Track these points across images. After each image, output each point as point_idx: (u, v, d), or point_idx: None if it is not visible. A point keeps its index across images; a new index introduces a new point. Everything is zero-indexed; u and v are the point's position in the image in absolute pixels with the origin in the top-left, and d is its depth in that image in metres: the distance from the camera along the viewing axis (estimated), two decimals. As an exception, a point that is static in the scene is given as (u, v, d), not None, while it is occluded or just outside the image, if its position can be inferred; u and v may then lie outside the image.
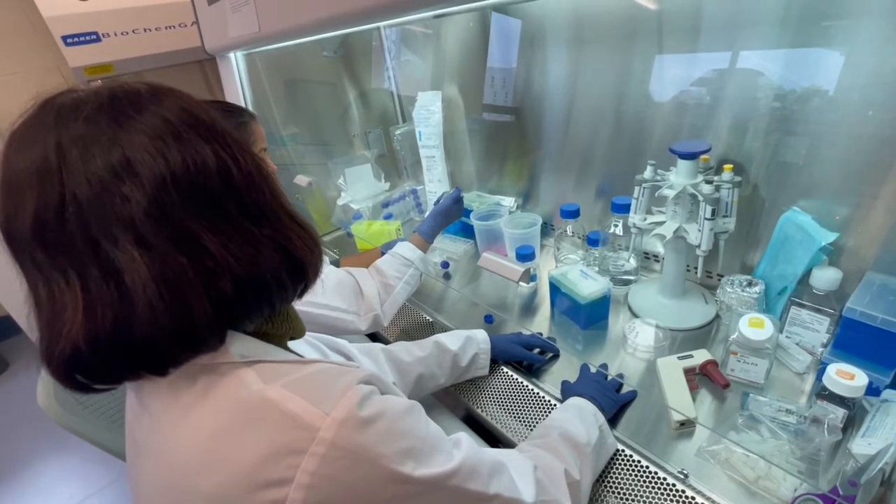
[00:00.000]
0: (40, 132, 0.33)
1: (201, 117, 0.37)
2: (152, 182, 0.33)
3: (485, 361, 0.80)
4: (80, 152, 0.32)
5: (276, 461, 0.33)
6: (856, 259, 0.72)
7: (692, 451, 0.62)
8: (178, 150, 0.34)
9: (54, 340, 0.33)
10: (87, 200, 0.32)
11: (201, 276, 0.34)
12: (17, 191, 0.33)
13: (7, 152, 0.34)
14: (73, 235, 0.32)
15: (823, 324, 0.69)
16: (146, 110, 0.35)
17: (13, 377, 2.19)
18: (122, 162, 0.32)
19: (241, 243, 0.36)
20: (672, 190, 0.76)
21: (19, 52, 2.08)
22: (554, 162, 1.14)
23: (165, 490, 0.37)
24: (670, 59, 0.84)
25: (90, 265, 0.32)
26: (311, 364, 0.40)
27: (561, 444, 0.56)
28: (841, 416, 0.58)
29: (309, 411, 0.34)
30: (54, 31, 1.65)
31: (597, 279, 0.85)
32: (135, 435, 0.43)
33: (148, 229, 0.32)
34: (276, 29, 0.88)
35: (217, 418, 0.36)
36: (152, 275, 0.32)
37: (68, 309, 0.32)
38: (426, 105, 1.25)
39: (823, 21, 0.66)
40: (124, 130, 0.33)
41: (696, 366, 0.71)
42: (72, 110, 0.34)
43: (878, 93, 0.64)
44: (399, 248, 0.92)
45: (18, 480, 1.65)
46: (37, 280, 0.34)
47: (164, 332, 0.33)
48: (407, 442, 0.37)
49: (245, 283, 0.36)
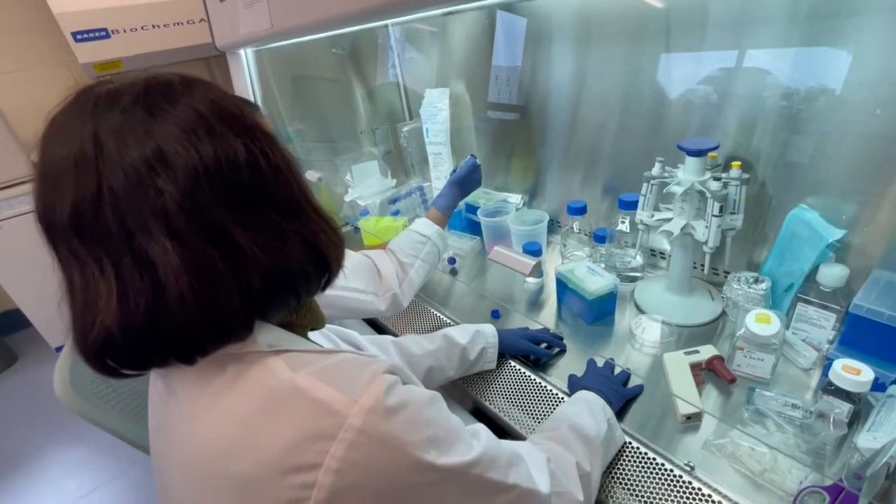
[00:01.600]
0: (78, 122, 0.34)
1: (232, 111, 0.38)
2: (185, 176, 0.33)
3: (493, 355, 0.81)
4: (117, 144, 0.33)
5: (305, 446, 0.34)
6: (862, 256, 0.72)
7: (698, 445, 0.63)
8: (210, 144, 0.35)
9: (88, 327, 0.34)
10: (122, 192, 0.32)
11: (231, 268, 0.35)
12: (55, 180, 0.34)
13: (45, 141, 0.35)
14: (108, 226, 0.33)
15: (830, 320, 0.69)
16: (179, 102, 0.35)
17: (22, 370, 2.21)
18: (157, 154, 0.33)
19: (269, 237, 0.37)
20: (680, 187, 0.77)
21: (29, 48, 2.09)
22: (560, 159, 1.15)
23: (196, 474, 0.38)
24: (677, 58, 0.85)
25: (124, 255, 0.33)
26: (336, 354, 0.41)
27: (571, 437, 0.57)
28: (846, 411, 0.59)
29: (337, 399, 0.35)
30: (64, 28, 1.66)
31: (603, 275, 0.86)
32: (162, 419, 0.44)
33: (180, 222, 0.33)
34: (288, 25, 0.89)
35: (247, 404, 0.37)
36: (184, 267, 0.33)
37: (102, 297, 0.33)
38: (434, 102, 1.26)
39: (831, 19, 0.67)
40: (158, 122, 0.34)
41: (703, 361, 0.72)
42: (109, 101, 0.34)
43: (886, 91, 0.65)
44: (415, 224, 0.91)
45: (27, 471, 1.67)
46: (72, 268, 0.35)
47: (194, 323, 0.34)
48: (430, 431, 0.38)
49: (272, 276, 0.37)
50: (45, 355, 2.19)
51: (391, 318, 1.02)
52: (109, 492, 1.56)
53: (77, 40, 1.68)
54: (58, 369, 0.68)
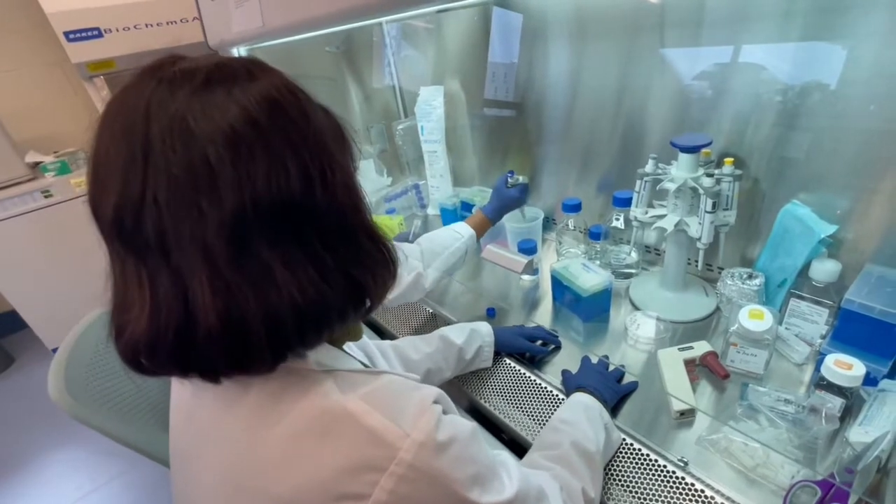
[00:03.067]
0: (132, 114, 0.32)
1: (294, 119, 0.34)
2: (230, 201, 0.31)
3: (489, 354, 0.81)
4: (165, 148, 0.31)
5: (355, 475, 0.34)
6: (855, 251, 0.72)
7: (692, 440, 0.63)
8: (262, 161, 0.32)
9: (120, 329, 0.34)
10: (165, 205, 0.31)
11: (263, 307, 0.33)
12: (104, 176, 0.32)
13: (100, 126, 0.33)
14: (148, 239, 0.31)
15: (822, 315, 0.70)
16: (236, 103, 0.32)
17: (19, 371, 2.21)
18: (203, 168, 0.31)
19: (311, 274, 0.34)
20: (673, 183, 0.77)
21: (21, 48, 2.08)
22: (555, 156, 1.15)
23: (230, 487, 0.38)
24: (672, 53, 0.85)
25: (161, 269, 0.32)
26: (382, 375, 0.40)
27: (574, 458, 0.56)
28: (838, 406, 0.59)
29: (389, 429, 0.35)
30: (56, 27, 1.65)
31: (598, 272, 0.86)
32: (193, 417, 0.43)
33: (219, 252, 0.31)
34: (279, 24, 0.89)
35: (294, 423, 0.36)
36: (214, 303, 0.32)
37: (136, 306, 0.33)
38: (428, 100, 1.26)
39: (826, 15, 0.66)
40: (209, 127, 0.31)
41: (697, 357, 0.72)
42: (168, 90, 0.32)
43: (880, 87, 0.64)
44: (456, 224, 0.94)
45: (26, 473, 1.67)
46: (115, 263, 0.34)
47: (219, 354, 0.33)
48: (474, 468, 0.38)
49: (307, 317, 0.35)
50: (42, 357, 2.19)
51: (389, 317, 1.03)
52: (107, 493, 1.56)
53: (69, 40, 1.67)
54: (52, 372, 0.68)
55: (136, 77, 0.34)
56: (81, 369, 0.72)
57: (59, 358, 0.69)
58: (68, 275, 1.98)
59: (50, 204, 1.89)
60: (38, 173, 1.92)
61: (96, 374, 0.73)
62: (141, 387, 0.79)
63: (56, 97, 2.21)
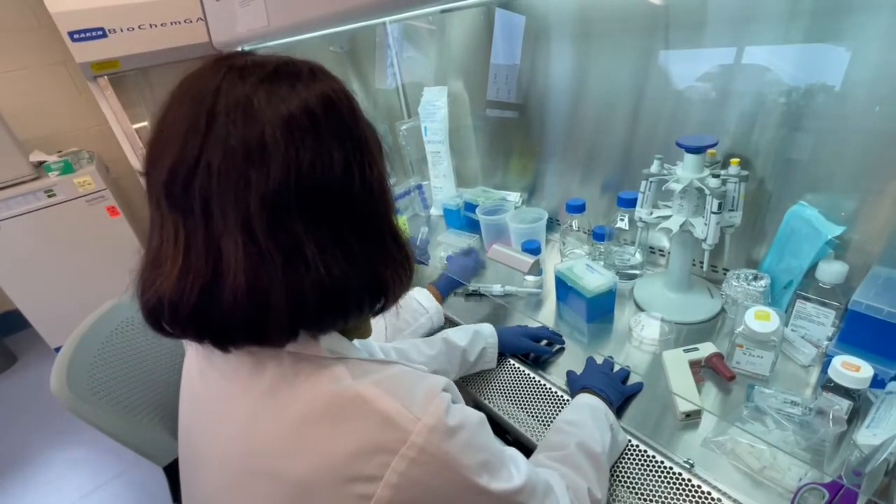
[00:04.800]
0: (201, 91, 0.34)
1: (343, 114, 0.37)
2: (276, 175, 0.33)
3: (493, 355, 0.81)
4: (226, 121, 0.33)
5: (367, 457, 0.34)
6: (862, 253, 0.72)
7: (698, 442, 0.63)
8: (311, 148, 0.34)
9: (147, 286, 0.36)
10: (216, 172, 0.33)
11: (290, 281, 0.34)
12: (165, 141, 0.34)
13: (170, 99, 0.36)
14: (193, 200, 0.33)
15: (829, 317, 0.69)
16: (296, 91, 0.35)
17: (21, 370, 2.21)
18: (258, 144, 0.33)
19: (338, 258, 0.36)
20: (679, 184, 0.76)
21: (26, 47, 2.09)
22: (559, 157, 1.15)
23: (242, 467, 0.38)
24: (676, 55, 0.85)
25: (199, 232, 0.34)
26: (391, 365, 0.41)
27: (581, 459, 0.56)
28: (846, 408, 0.58)
29: (401, 413, 0.35)
30: (61, 27, 1.66)
31: (602, 273, 0.86)
32: (201, 396, 0.44)
33: (258, 221, 0.33)
34: (285, 23, 0.89)
35: (308, 406, 0.37)
36: (246, 266, 0.33)
37: (167, 264, 0.34)
38: (432, 100, 1.26)
39: (830, 16, 0.66)
40: (270, 111, 0.34)
41: (702, 358, 0.72)
42: (238, 75, 0.35)
43: (885, 88, 0.64)
44: (415, 292, 0.92)
45: (28, 471, 1.67)
46: (155, 225, 0.36)
47: (238, 321, 0.35)
48: (483, 454, 0.39)
49: (328, 297, 0.36)
50: (45, 356, 2.19)
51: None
52: (109, 492, 1.56)
53: (74, 40, 1.68)
54: (55, 369, 0.68)
55: (210, 64, 0.37)
56: (85, 365, 0.72)
57: (63, 353, 0.69)
58: (71, 274, 1.99)
59: (53, 203, 1.89)
60: (41, 173, 1.93)
61: (100, 371, 0.73)
62: (145, 384, 0.79)
63: (60, 97, 2.21)
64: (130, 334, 0.80)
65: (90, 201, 1.96)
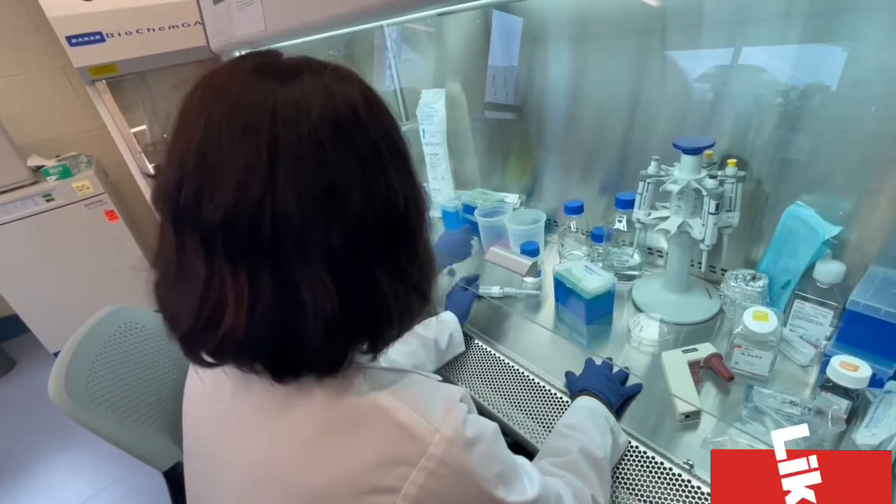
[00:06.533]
0: (255, 115, 0.31)
1: (401, 148, 0.38)
2: (354, 214, 0.33)
3: (459, 338, 0.85)
4: (294, 165, 0.31)
5: (386, 469, 0.34)
6: (859, 253, 0.72)
7: (697, 443, 0.63)
8: (382, 183, 0.35)
9: (204, 322, 0.34)
10: (290, 215, 0.31)
11: (369, 315, 0.35)
12: (214, 173, 0.31)
13: (208, 117, 0.32)
14: (261, 242, 0.31)
15: (827, 317, 0.69)
16: (360, 132, 0.34)
17: (20, 375, 2.20)
18: (331, 189, 0.32)
19: (402, 285, 0.37)
20: (676, 185, 0.77)
21: (24, 52, 2.09)
22: (557, 159, 1.15)
23: (260, 477, 0.38)
24: (673, 56, 0.85)
25: (266, 271, 0.32)
26: (407, 374, 0.41)
27: (584, 465, 0.56)
28: (845, 408, 0.59)
29: (419, 424, 0.35)
30: (59, 32, 1.66)
31: (601, 274, 0.86)
32: (222, 409, 0.44)
33: (341, 257, 0.33)
34: (282, 27, 0.89)
35: (327, 416, 0.37)
36: (338, 304, 0.33)
37: (229, 301, 0.32)
38: (430, 103, 1.26)
39: (826, 17, 0.67)
40: (338, 152, 0.33)
41: (701, 359, 0.72)
42: (293, 112, 0.32)
43: (881, 88, 0.65)
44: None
45: (27, 477, 1.67)
46: (192, 256, 0.33)
47: (315, 358, 0.35)
48: (500, 466, 0.39)
49: (397, 322, 0.38)
50: (43, 360, 2.18)
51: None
52: (109, 497, 1.55)
53: (72, 44, 1.68)
54: (53, 374, 0.68)
55: (246, 72, 0.33)
56: (83, 370, 0.71)
57: (61, 357, 0.69)
58: (69, 279, 1.98)
59: (52, 208, 1.89)
60: (39, 177, 1.93)
61: (98, 376, 0.73)
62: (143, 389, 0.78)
63: (58, 101, 2.21)
64: (129, 339, 0.80)
65: (88, 205, 1.96)
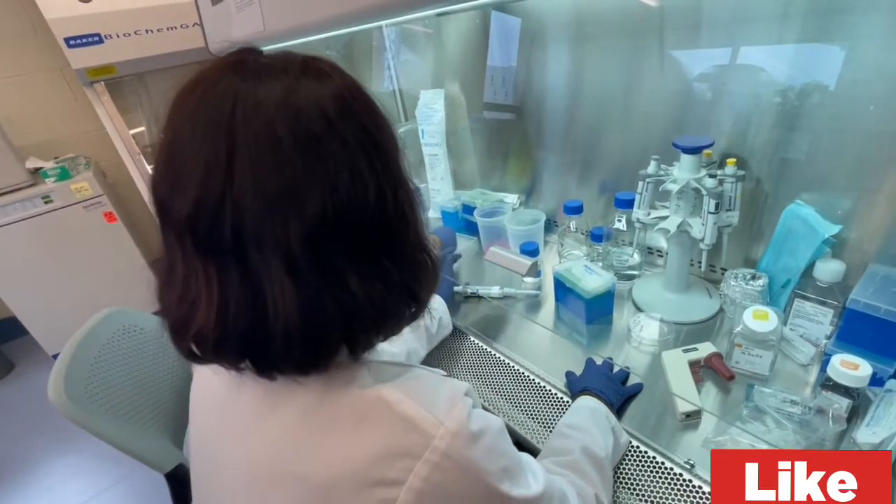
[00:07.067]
0: (217, 112, 0.31)
1: (382, 144, 0.36)
2: (314, 212, 0.32)
3: (447, 321, 0.88)
4: (250, 153, 0.31)
5: (390, 462, 0.34)
6: (859, 251, 0.72)
7: (698, 443, 0.63)
8: (348, 180, 0.33)
9: (181, 322, 0.35)
10: (248, 211, 0.31)
11: (338, 313, 0.34)
12: (182, 169, 0.32)
13: (180, 116, 0.33)
14: (224, 236, 0.31)
15: (827, 316, 0.69)
16: (325, 128, 0.33)
17: (19, 378, 2.20)
18: (292, 178, 0.31)
19: (377, 285, 0.36)
20: (675, 184, 0.77)
21: (22, 54, 2.09)
22: (556, 159, 1.15)
23: (266, 470, 0.38)
24: (672, 55, 0.85)
25: (233, 268, 0.32)
26: (411, 368, 0.41)
27: (586, 465, 0.56)
28: (845, 407, 0.59)
29: (424, 417, 0.35)
30: (57, 33, 1.65)
31: (601, 274, 0.86)
32: (227, 404, 0.44)
33: (299, 257, 0.32)
34: (281, 28, 0.89)
35: (331, 409, 0.37)
36: (292, 306, 0.32)
37: (202, 303, 0.33)
38: (429, 103, 1.26)
39: (824, 16, 0.67)
40: (298, 149, 0.32)
41: (701, 358, 0.72)
42: (252, 108, 0.32)
43: (880, 87, 0.65)
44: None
45: (26, 479, 1.66)
46: (175, 256, 0.34)
47: (289, 357, 0.34)
48: (504, 460, 0.38)
49: (374, 321, 0.37)
50: (42, 363, 2.18)
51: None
52: (110, 499, 1.55)
53: (70, 46, 1.67)
54: (52, 376, 0.68)
55: (218, 69, 0.34)
56: (82, 372, 0.71)
57: (61, 360, 0.69)
58: (69, 281, 1.98)
59: (50, 210, 1.89)
60: (38, 179, 1.92)
61: (97, 378, 0.73)
62: (143, 390, 0.78)
63: (57, 103, 2.21)
64: (127, 341, 0.80)
65: (87, 207, 1.96)
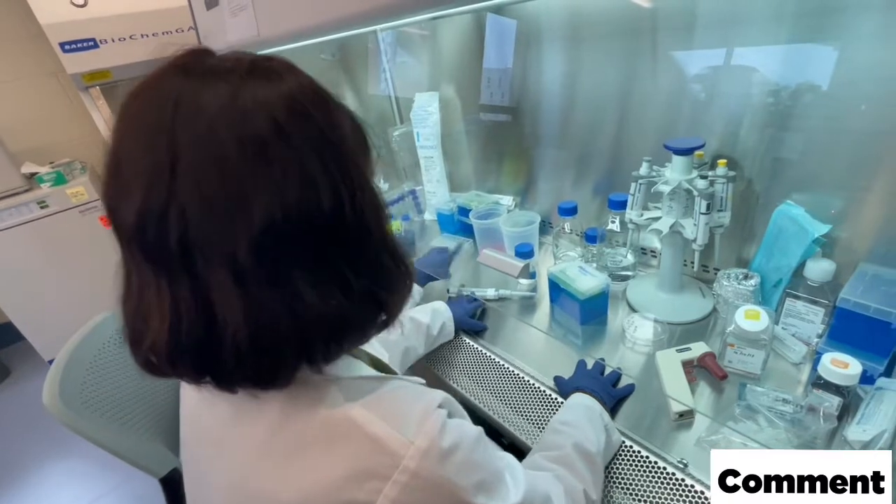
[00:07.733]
0: (159, 119, 0.30)
1: (339, 146, 0.34)
2: (261, 220, 0.30)
3: (451, 328, 0.89)
4: (193, 160, 0.30)
5: (358, 483, 0.34)
6: (849, 251, 0.73)
7: (691, 442, 0.63)
8: (298, 186, 0.31)
9: (137, 336, 0.34)
10: (193, 220, 0.30)
11: (291, 324, 0.33)
12: (125, 177, 0.31)
13: (122, 123, 0.32)
14: (170, 247, 0.30)
15: (818, 314, 0.70)
16: (271, 133, 0.31)
17: (15, 384, 2.19)
18: (233, 186, 0.30)
19: (336, 292, 0.34)
20: (667, 185, 0.77)
21: (17, 58, 2.09)
22: (551, 160, 1.15)
23: (240, 492, 0.38)
24: (665, 57, 0.86)
25: (182, 280, 0.31)
26: (388, 381, 0.40)
27: (577, 460, 0.56)
28: (836, 405, 0.59)
29: (392, 437, 0.35)
30: (52, 38, 1.66)
31: (595, 275, 0.86)
32: (202, 421, 0.43)
33: (247, 267, 0.31)
34: (274, 33, 0.89)
35: (300, 430, 0.36)
36: (241, 318, 0.31)
37: (154, 315, 0.32)
38: (424, 106, 1.26)
39: (817, 16, 0.67)
40: (241, 155, 0.30)
41: (695, 358, 0.73)
42: (192, 106, 0.30)
43: (871, 87, 0.65)
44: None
45: (22, 485, 1.66)
46: (130, 266, 0.33)
47: (244, 368, 0.33)
48: (480, 474, 0.38)
49: (332, 332, 0.36)
50: (38, 368, 2.17)
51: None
52: (106, 504, 1.54)
53: (65, 51, 1.68)
54: (47, 382, 0.68)
55: (163, 71, 0.32)
56: (78, 378, 0.71)
57: (56, 365, 0.69)
58: (64, 286, 1.98)
59: (46, 215, 1.89)
60: (33, 184, 1.92)
61: (93, 383, 0.72)
62: (138, 396, 0.78)
63: (52, 108, 2.21)
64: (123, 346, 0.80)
65: (83, 212, 1.96)
